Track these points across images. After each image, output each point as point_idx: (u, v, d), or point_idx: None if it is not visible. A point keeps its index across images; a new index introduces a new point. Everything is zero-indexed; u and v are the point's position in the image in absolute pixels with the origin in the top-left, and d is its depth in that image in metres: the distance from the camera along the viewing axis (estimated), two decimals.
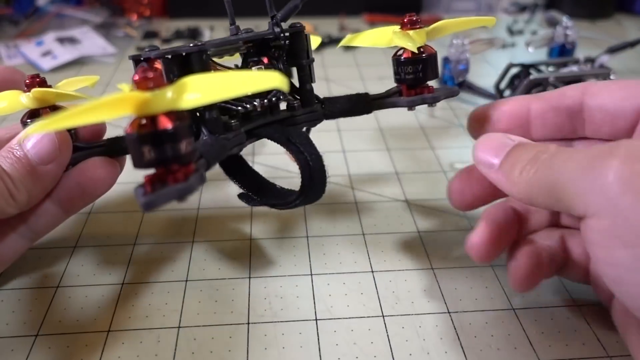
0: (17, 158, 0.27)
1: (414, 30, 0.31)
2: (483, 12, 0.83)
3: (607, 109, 0.28)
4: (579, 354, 0.28)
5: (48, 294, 0.32)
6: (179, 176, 0.22)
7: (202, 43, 0.27)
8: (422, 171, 0.44)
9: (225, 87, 0.21)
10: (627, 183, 0.20)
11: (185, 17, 0.78)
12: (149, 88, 0.21)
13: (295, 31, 0.31)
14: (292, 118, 0.32)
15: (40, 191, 0.28)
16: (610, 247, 0.21)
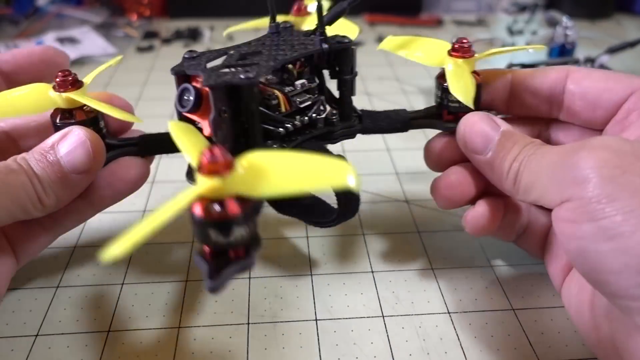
0: (50, 163, 0.26)
1: (464, 59, 0.29)
2: (483, 12, 0.83)
3: (588, 97, 0.29)
4: (578, 355, 0.28)
5: (48, 294, 0.32)
6: (240, 252, 0.22)
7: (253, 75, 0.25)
8: (422, 171, 0.44)
9: (297, 182, 0.21)
10: (595, 168, 0.22)
11: (185, 17, 0.78)
12: (217, 174, 0.20)
13: (343, 48, 0.29)
14: (329, 133, 0.31)
15: (69, 197, 0.27)
16: (577, 222, 0.22)
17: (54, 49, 0.32)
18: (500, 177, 0.27)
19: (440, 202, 0.31)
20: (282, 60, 0.27)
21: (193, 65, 0.27)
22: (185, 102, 0.26)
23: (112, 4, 0.78)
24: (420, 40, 0.32)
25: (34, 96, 0.28)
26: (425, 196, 0.41)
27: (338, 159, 0.21)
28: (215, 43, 0.71)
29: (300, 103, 0.29)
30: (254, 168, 0.21)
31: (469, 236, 0.36)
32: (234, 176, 0.20)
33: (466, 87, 0.28)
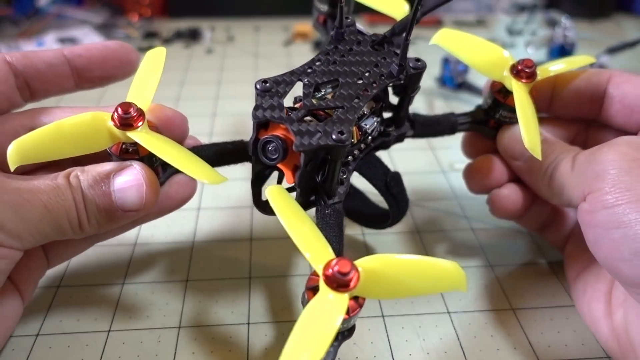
0: (103, 192, 0.25)
1: (528, 82, 0.29)
2: (483, 13, 0.83)
3: (625, 101, 0.29)
4: (578, 354, 0.28)
5: (49, 294, 0.32)
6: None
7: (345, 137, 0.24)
8: (422, 171, 0.44)
9: (409, 289, 0.22)
10: (614, 161, 0.24)
11: (185, 17, 0.78)
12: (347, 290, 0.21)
13: (418, 72, 0.29)
14: (385, 143, 0.32)
15: (109, 228, 0.26)
16: (594, 211, 0.24)
17: (127, 46, 0.30)
18: (537, 181, 0.29)
19: (471, 184, 0.32)
20: (365, 102, 0.27)
21: (273, 107, 0.26)
22: (272, 154, 0.26)
23: (113, 5, 0.78)
24: (477, 42, 0.31)
25: (92, 131, 0.25)
26: (425, 196, 0.41)
27: (451, 264, 0.22)
28: (216, 43, 0.71)
29: (369, 128, 0.29)
30: (373, 274, 0.22)
31: (469, 236, 0.37)
32: (360, 284, 0.21)
33: (534, 131, 0.27)
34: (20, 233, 0.23)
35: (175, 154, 0.25)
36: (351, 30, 0.30)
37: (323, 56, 0.28)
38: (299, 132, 0.25)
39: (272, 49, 0.69)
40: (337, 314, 0.20)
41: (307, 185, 0.27)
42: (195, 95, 0.57)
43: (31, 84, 0.28)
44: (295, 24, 0.73)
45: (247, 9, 0.79)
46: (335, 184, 0.28)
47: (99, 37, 0.70)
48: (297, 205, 0.24)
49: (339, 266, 0.21)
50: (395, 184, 0.31)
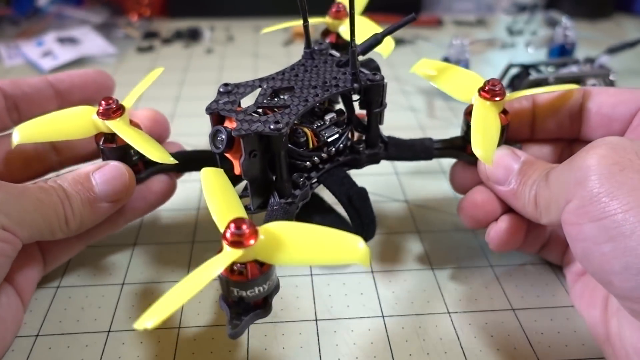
0: (83, 187, 0.28)
1: (493, 100, 0.29)
2: (483, 13, 0.83)
3: (603, 111, 0.29)
4: (578, 355, 0.28)
5: (49, 294, 0.32)
6: (259, 301, 0.24)
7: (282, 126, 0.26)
8: (422, 171, 0.44)
9: (312, 256, 0.23)
10: (594, 166, 0.22)
11: (185, 17, 0.78)
12: (241, 245, 0.22)
13: (374, 85, 0.30)
14: (355, 160, 0.32)
15: (92, 223, 0.29)
16: (580, 223, 0.23)
17: (105, 73, 0.35)
18: (523, 205, 0.27)
19: (466, 221, 0.31)
20: (312, 103, 0.28)
21: (227, 103, 0.28)
22: (219, 143, 0.27)
23: (112, 4, 0.78)
24: (452, 70, 0.32)
25: (80, 121, 0.29)
26: (425, 196, 0.41)
27: (353, 237, 0.22)
28: (216, 43, 0.71)
29: (328, 137, 0.30)
30: (275, 238, 0.23)
31: (469, 236, 0.37)
32: (256, 246, 0.22)
33: (488, 141, 0.28)
34: (21, 220, 0.25)
35: (138, 139, 0.29)
36: (323, 53, 0.32)
37: (289, 70, 0.31)
38: (241, 121, 0.27)
39: (272, 49, 0.69)
40: (222, 263, 0.21)
41: (257, 179, 0.28)
42: (195, 95, 0.57)
43: (19, 106, 0.32)
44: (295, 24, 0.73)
45: (247, 9, 0.79)
46: (285, 182, 0.29)
47: (99, 37, 0.70)
48: (227, 184, 0.26)
49: (234, 223, 0.22)
50: (359, 198, 0.31)
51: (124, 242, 0.36)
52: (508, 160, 0.29)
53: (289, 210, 0.29)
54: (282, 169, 0.28)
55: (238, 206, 0.25)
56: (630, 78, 0.61)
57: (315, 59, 0.32)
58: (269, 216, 0.29)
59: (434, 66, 0.32)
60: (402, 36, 0.72)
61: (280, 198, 0.29)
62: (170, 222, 0.38)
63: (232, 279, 0.23)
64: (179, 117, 0.52)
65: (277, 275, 0.25)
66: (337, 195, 0.31)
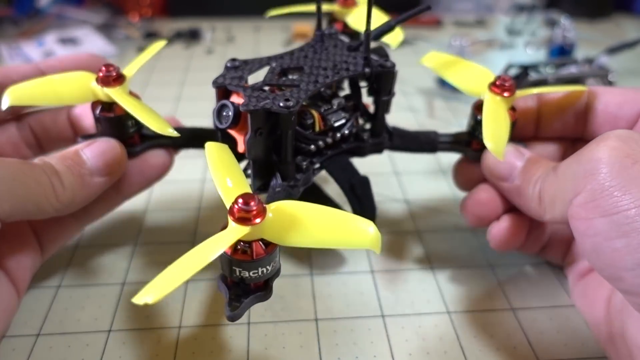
0: (73, 162, 0.27)
1: (504, 96, 0.29)
2: (482, 13, 0.83)
3: (609, 110, 0.29)
4: (578, 354, 0.28)
5: (49, 294, 0.32)
6: (259, 284, 0.23)
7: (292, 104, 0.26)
8: (422, 171, 0.44)
9: (321, 238, 0.22)
10: (605, 158, 0.22)
11: (185, 17, 0.78)
12: (249, 222, 0.21)
13: (385, 71, 0.29)
14: (359, 148, 0.32)
15: (84, 200, 0.28)
16: (590, 218, 0.22)
17: (97, 57, 0.33)
18: (527, 201, 0.27)
19: (469, 219, 0.31)
20: (321, 84, 0.28)
21: (235, 78, 0.28)
22: (225, 119, 0.27)
23: (113, 5, 0.78)
24: (462, 64, 0.32)
25: (77, 86, 0.28)
26: (425, 196, 0.41)
27: (365, 221, 0.21)
28: (216, 43, 0.71)
29: (335, 122, 0.30)
30: (283, 217, 0.22)
31: (469, 236, 0.37)
32: (263, 224, 0.21)
33: (500, 135, 0.28)
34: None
35: (139, 109, 0.27)
36: (333, 37, 0.32)
37: (298, 51, 0.30)
38: (249, 97, 0.26)
39: (272, 49, 0.69)
40: (227, 240, 0.20)
41: (260, 159, 0.28)
42: (196, 95, 0.57)
43: None
44: (295, 24, 0.73)
45: (247, 9, 0.79)
46: (290, 165, 0.28)
47: (100, 37, 0.70)
48: (232, 160, 0.25)
49: (242, 199, 0.21)
50: (361, 186, 0.31)
51: (125, 242, 0.36)
52: (512, 157, 0.29)
53: (292, 193, 0.28)
54: (287, 150, 0.27)
55: (244, 183, 0.24)
56: (629, 78, 0.61)
57: (325, 42, 0.31)
58: (271, 198, 0.28)
59: (443, 59, 0.32)
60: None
61: (283, 180, 0.28)
62: (170, 222, 0.38)
63: (235, 258, 0.22)
64: (179, 117, 0.52)
65: (279, 258, 0.24)
66: (339, 181, 0.31)
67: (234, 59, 0.29)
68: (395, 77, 0.30)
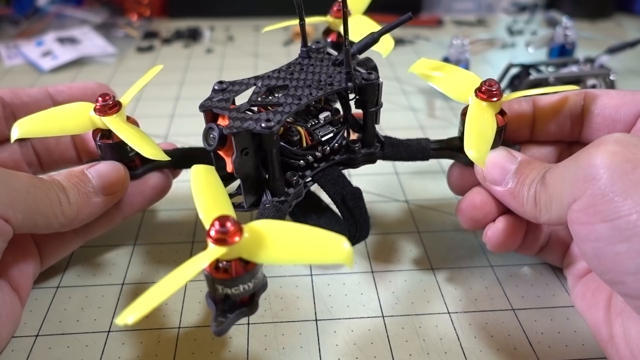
0: (79, 180, 0.28)
1: (490, 101, 0.29)
2: (483, 12, 0.83)
3: (606, 113, 0.29)
4: (578, 355, 0.28)
5: (48, 294, 0.32)
6: (245, 299, 0.24)
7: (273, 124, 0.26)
8: (422, 171, 0.44)
9: (296, 255, 0.23)
10: (604, 163, 0.22)
11: (185, 17, 0.78)
12: (225, 243, 0.22)
13: (369, 84, 0.30)
14: (351, 159, 0.32)
15: (88, 217, 0.29)
16: (591, 223, 0.22)
17: (104, 86, 0.35)
18: (522, 204, 0.27)
19: (464, 222, 0.31)
20: (305, 102, 0.28)
21: (221, 100, 0.28)
22: (211, 140, 0.27)
23: (112, 4, 0.78)
24: (450, 70, 0.32)
25: (78, 116, 0.30)
26: (425, 196, 0.41)
27: (338, 237, 0.22)
28: (215, 43, 0.71)
29: (322, 136, 0.30)
30: (259, 236, 0.23)
31: (469, 236, 0.37)
32: (240, 244, 0.22)
33: (482, 143, 0.28)
34: (12, 202, 0.24)
35: (132, 136, 0.29)
36: (320, 51, 0.32)
37: (285, 68, 0.31)
38: (233, 119, 0.27)
39: (272, 49, 0.69)
40: (205, 260, 0.22)
41: (249, 177, 0.28)
42: (195, 95, 0.57)
43: (17, 116, 0.32)
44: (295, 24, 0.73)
45: (247, 9, 0.79)
46: (277, 180, 0.29)
47: (99, 37, 0.70)
48: (216, 182, 0.26)
49: (219, 221, 0.22)
50: (352, 197, 0.31)
51: (124, 242, 0.36)
52: (504, 161, 0.28)
53: (282, 208, 0.29)
54: (274, 167, 0.28)
55: (225, 204, 0.25)
56: (630, 78, 0.61)
57: (312, 58, 0.32)
58: (261, 214, 0.29)
59: (432, 66, 0.32)
60: (402, 36, 0.72)
61: (273, 196, 0.29)
62: (170, 222, 0.38)
63: (216, 277, 0.23)
64: (178, 117, 0.52)
65: (263, 273, 0.24)
66: (330, 194, 0.31)
67: (221, 82, 0.29)
68: (381, 89, 0.30)
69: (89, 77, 0.61)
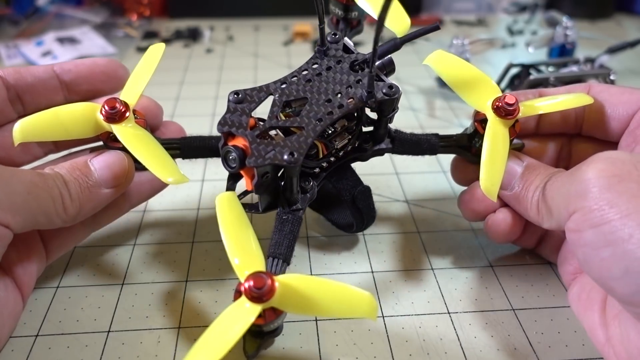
0: (81, 173, 0.27)
1: (507, 119, 0.28)
2: (483, 12, 0.83)
3: (604, 109, 0.30)
4: (578, 355, 0.28)
5: (48, 294, 0.32)
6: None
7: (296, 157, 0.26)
8: (422, 171, 0.44)
9: (324, 309, 0.24)
10: (594, 178, 0.23)
11: (185, 17, 0.78)
12: (261, 302, 0.23)
13: (390, 99, 0.29)
14: (360, 156, 0.32)
15: (91, 210, 0.28)
16: (581, 230, 0.23)
17: (115, 62, 0.32)
18: (526, 209, 0.28)
19: (466, 213, 0.32)
20: (325, 124, 0.28)
21: (239, 117, 0.27)
22: (231, 162, 0.27)
23: (112, 4, 0.78)
24: (468, 71, 0.31)
25: (83, 119, 0.28)
26: (425, 196, 0.41)
27: (364, 295, 0.24)
28: (215, 43, 0.71)
29: (339, 144, 0.30)
30: (291, 291, 0.24)
31: (469, 236, 0.37)
32: (274, 299, 0.23)
33: (495, 174, 0.28)
34: (12, 205, 0.24)
35: (145, 151, 0.27)
36: (336, 47, 0.31)
37: (301, 71, 0.30)
38: (254, 149, 0.26)
39: (272, 48, 0.69)
40: (245, 322, 0.23)
41: (267, 192, 0.29)
42: (195, 95, 0.57)
43: (22, 97, 0.30)
44: (295, 23, 0.73)
45: (247, 9, 0.79)
46: (295, 195, 0.29)
47: (99, 37, 0.70)
48: (242, 214, 0.26)
49: (253, 281, 0.23)
50: (362, 197, 0.31)
51: (124, 242, 0.36)
52: (511, 165, 0.29)
53: (298, 217, 0.29)
54: (292, 188, 0.28)
55: (255, 247, 0.25)
56: (630, 78, 0.61)
57: (328, 57, 0.30)
58: (279, 225, 0.29)
59: (450, 61, 0.31)
60: None
61: (289, 206, 0.29)
62: (170, 222, 0.38)
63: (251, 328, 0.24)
64: (178, 117, 0.52)
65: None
66: (341, 193, 0.31)
67: (236, 92, 0.28)
68: (399, 99, 0.30)
69: None
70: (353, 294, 0.24)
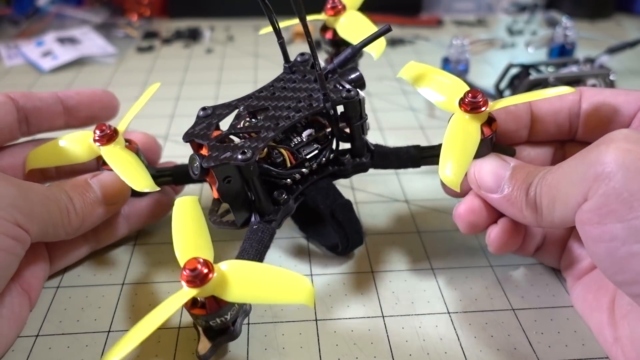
0: (83, 189, 0.30)
1: (474, 113, 0.28)
2: (483, 12, 0.83)
3: (601, 113, 0.29)
4: (578, 355, 0.28)
5: (48, 294, 0.32)
6: (227, 324, 0.26)
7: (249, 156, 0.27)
8: (422, 171, 0.44)
9: (261, 295, 0.25)
10: (617, 161, 0.21)
11: (185, 17, 0.78)
12: (196, 285, 0.24)
13: (348, 102, 0.29)
14: (341, 171, 0.32)
15: (90, 225, 0.30)
16: (605, 223, 0.21)
17: (110, 94, 0.37)
18: (520, 209, 0.26)
19: (463, 227, 0.30)
20: (282, 127, 0.29)
21: (203, 128, 0.29)
22: (196, 170, 0.28)
23: (112, 4, 0.78)
24: (437, 76, 0.31)
25: (80, 146, 0.32)
26: (425, 196, 0.41)
27: (300, 278, 0.24)
28: (215, 43, 0.71)
29: (307, 154, 0.30)
30: (228, 277, 0.24)
31: (469, 236, 0.37)
32: (210, 285, 0.24)
33: (458, 163, 0.27)
34: (31, 215, 0.26)
35: (124, 166, 0.30)
36: (304, 65, 0.32)
37: (269, 87, 0.31)
38: (212, 149, 0.28)
39: (272, 49, 0.69)
40: (179, 301, 0.24)
41: (236, 201, 0.29)
42: (195, 95, 0.57)
43: (29, 119, 0.33)
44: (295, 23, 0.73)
45: (247, 9, 0.79)
46: (263, 202, 0.29)
47: (99, 37, 0.70)
48: (199, 217, 0.27)
49: (189, 265, 0.24)
50: (342, 211, 0.31)
51: (124, 242, 0.36)
52: (497, 167, 0.28)
53: (269, 228, 0.30)
54: (257, 192, 0.29)
55: (202, 240, 0.26)
56: (630, 78, 0.61)
57: (295, 73, 0.32)
58: (249, 235, 0.29)
59: (421, 70, 0.31)
60: (402, 36, 0.72)
61: (261, 217, 0.30)
62: (169, 222, 0.38)
63: (193, 312, 0.25)
64: (178, 117, 0.52)
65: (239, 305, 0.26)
66: (320, 209, 0.31)
67: (204, 108, 0.30)
68: (363, 104, 0.30)
69: (89, 77, 0.61)
70: (290, 277, 0.24)
